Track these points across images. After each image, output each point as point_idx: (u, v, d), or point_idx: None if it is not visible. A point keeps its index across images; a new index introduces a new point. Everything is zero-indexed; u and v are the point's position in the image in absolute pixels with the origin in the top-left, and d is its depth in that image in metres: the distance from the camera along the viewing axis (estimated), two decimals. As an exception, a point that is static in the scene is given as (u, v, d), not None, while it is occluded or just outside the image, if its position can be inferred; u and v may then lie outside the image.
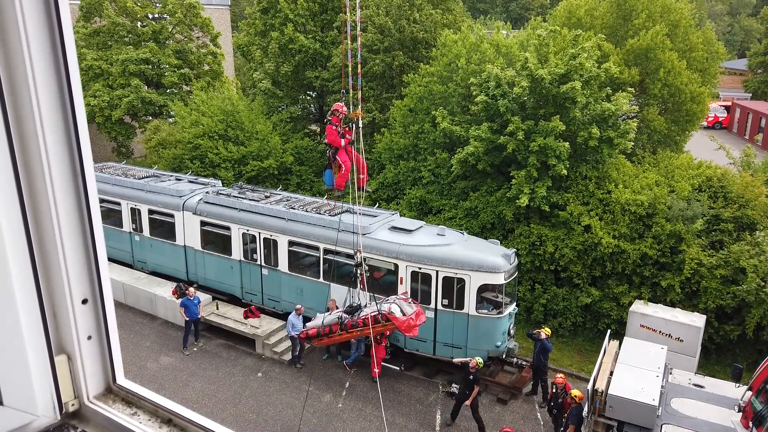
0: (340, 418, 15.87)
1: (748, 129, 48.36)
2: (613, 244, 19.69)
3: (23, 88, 1.40)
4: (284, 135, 29.27)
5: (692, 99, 25.13)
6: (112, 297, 1.65)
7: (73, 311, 1.56)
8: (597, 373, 13.90)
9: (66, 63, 1.43)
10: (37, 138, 1.43)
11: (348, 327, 13.67)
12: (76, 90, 1.47)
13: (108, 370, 1.68)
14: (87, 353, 1.62)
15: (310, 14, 29.61)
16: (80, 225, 1.54)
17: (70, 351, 1.59)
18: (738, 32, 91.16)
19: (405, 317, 13.15)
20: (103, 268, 1.59)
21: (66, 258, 1.52)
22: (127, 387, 1.68)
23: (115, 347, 1.68)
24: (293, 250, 19.11)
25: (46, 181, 1.46)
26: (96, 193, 1.57)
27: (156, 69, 32.54)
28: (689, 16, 27.15)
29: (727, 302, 18.55)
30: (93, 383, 1.65)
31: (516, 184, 20.48)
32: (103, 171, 24.29)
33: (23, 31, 1.35)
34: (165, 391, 16.95)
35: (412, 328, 13.23)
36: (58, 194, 1.48)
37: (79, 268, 1.56)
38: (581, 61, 20.36)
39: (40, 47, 1.40)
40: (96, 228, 1.55)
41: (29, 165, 1.44)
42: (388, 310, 13.17)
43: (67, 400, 1.60)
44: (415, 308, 13.67)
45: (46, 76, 1.42)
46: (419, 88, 24.46)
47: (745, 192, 20.13)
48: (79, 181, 1.51)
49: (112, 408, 1.63)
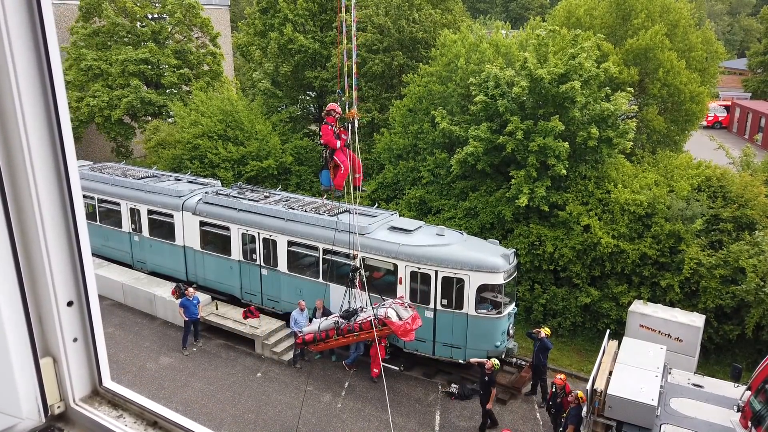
0: (340, 419, 15.87)
1: (747, 128, 48.34)
2: (612, 244, 19.68)
3: (5, 86, 1.39)
4: (284, 135, 29.28)
5: (692, 99, 25.11)
6: (97, 299, 1.64)
7: (58, 313, 1.56)
8: (596, 373, 13.90)
9: (49, 64, 1.43)
10: (20, 140, 1.42)
11: (344, 332, 13.68)
12: (60, 89, 1.47)
13: (94, 372, 1.68)
14: (72, 355, 1.61)
15: (309, 14, 29.63)
16: (65, 227, 1.53)
17: (56, 353, 1.59)
18: (738, 32, 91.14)
19: (401, 322, 13.17)
20: (88, 270, 1.58)
21: (50, 260, 1.52)
22: (113, 389, 1.67)
23: (101, 349, 1.67)
24: (292, 250, 19.10)
25: (29, 182, 1.45)
26: (80, 194, 1.56)
27: (155, 69, 32.54)
28: (689, 15, 27.14)
29: (726, 302, 18.53)
30: (79, 386, 1.64)
31: (515, 184, 20.47)
32: (102, 171, 24.28)
33: (5, 29, 1.35)
34: (164, 391, 16.96)
35: (409, 332, 13.27)
36: (42, 196, 1.48)
37: (63, 270, 1.55)
38: (580, 61, 20.36)
39: (23, 48, 1.39)
40: (81, 230, 1.55)
41: (13, 167, 1.44)
42: (384, 314, 13.19)
43: (52, 403, 1.59)
44: (411, 312, 13.67)
45: (28, 75, 1.41)
46: (418, 88, 24.45)
47: (744, 192, 20.11)
48: (63, 183, 1.50)
49: (97, 410, 1.63)
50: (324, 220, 18.30)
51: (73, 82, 31.52)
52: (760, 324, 18.18)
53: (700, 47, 26.79)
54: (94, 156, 35.21)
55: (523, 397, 17.24)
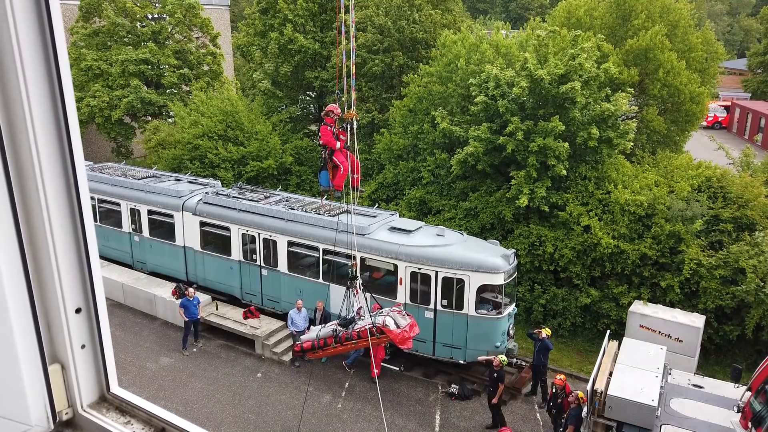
0: (340, 419, 15.87)
1: (747, 129, 48.36)
2: (612, 245, 19.69)
3: (15, 91, 1.39)
4: (284, 135, 29.29)
5: (692, 99, 25.12)
6: (105, 306, 1.65)
7: (66, 320, 1.56)
8: (596, 373, 13.90)
9: (58, 67, 1.43)
10: (29, 147, 1.43)
11: (342, 340, 13.73)
12: (68, 94, 1.47)
13: (102, 378, 1.68)
14: (81, 362, 1.62)
15: (309, 15, 29.63)
16: (73, 234, 1.53)
17: (64, 360, 1.59)
18: (737, 32, 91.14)
19: (399, 330, 13.24)
20: (96, 277, 1.59)
21: (59, 267, 1.52)
22: (121, 395, 1.67)
23: (108, 356, 1.67)
24: (292, 250, 19.10)
25: (38, 189, 1.46)
26: (89, 201, 1.56)
27: (155, 69, 32.54)
28: (688, 16, 27.15)
29: (726, 302, 18.54)
30: (87, 392, 1.65)
31: (515, 185, 20.47)
32: (102, 171, 24.28)
33: (14, 32, 1.35)
34: (164, 391, 16.95)
35: (407, 340, 13.37)
36: (50, 203, 1.48)
37: (72, 277, 1.55)
38: (581, 62, 20.36)
39: (32, 49, 1.39)
40: (89, 237, 1.55)
41: (22, 174, 1.44)
42: (382, 322, 13.25)
43: (60, 409, 1.60)
44: (409, 320, 13.73)
45: (37, 78, 1.41)
46: (419, 89, 24.45)
47: (744, 192, 20.13)
48: (72, 190, 1.51)
49: (105, 417, 1.63)
50: (324, 221, 18.31)
51: (73, 83, 31.39)
52: (760, 324, 18.19)
53: (700, 48, 26.80)
54: (94, 156, 35.22)
55: (524, 397, 17.25)
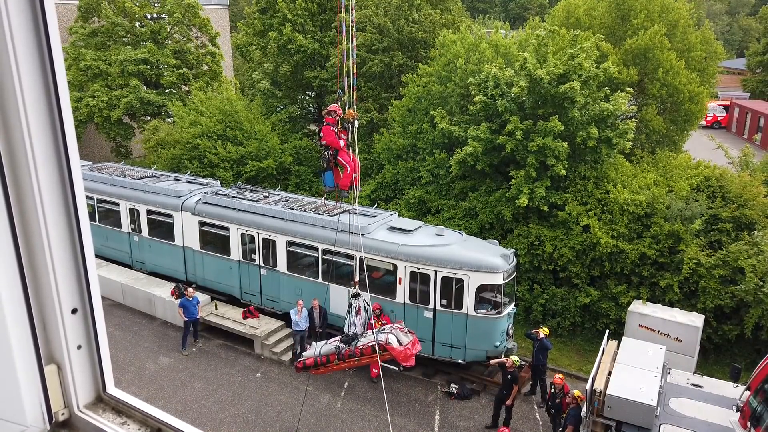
0: (339, 419, 15.87)
1: (746, 128, 48.37)
2: (611, 244, 19.70)
3: (9, 89, 1.39)
4: (283, 135, 29.28)
5: (691, 99, 25.11)
6: (101, 306, 1.64)
7: (62, 321, 1.56)
8: (595, 373, 13.89)
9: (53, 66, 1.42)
10: (24, 147, 1.42)
11: (345, 357, 13.72)
12: (63, 93, 1.46)
13: (98, 379, 1.68)
14: (77, 363, 1.61)
15: (308, 14, 29.63)
16: (69, 234, 1.53)
17: (60, 360, 1.59)
18: (737, 31, 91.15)
19: (402, 347, 13.26)
20: (92, 277, 1.58)
21: (55, 267, 1.52)
22: (117, 396, 1.67)
23: (105, 356, 1.67)
24: (292, 250, 19.10)
25: (34, 189, 1.45)
26: (84, 201, 1.56)
27: (155, 69, 32.52)
28: (688, 15, 27.14)
29: (725, 302, 18.55)
30: (83, 392, 1.64)
31: (515, 184, 20.47)
32: (101, 171, 24.26)
33: (8, 31, 1.34)
34: (164, 391, 16.95)
35: (409, 357, 13.43)
36: (46, 203, 1.48)
37: (68, 277, 1.55)
38: (580, 61, 20.36)
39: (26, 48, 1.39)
40: (85, 237, 1.55)
41: (17, 174, 1.44)
42: (385, 340, 13.26)
43: (56, 410, 1.59)
44: (411, 337, 13.77)
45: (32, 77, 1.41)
46: (418, 88, 24.45)
47: (743, 192, 20.13)
48: (67, 190, 1.50)
49: (101, 417, 1.63)
50: (323, 221, 18.30)
51: (72, 82, 31.46)
52: (759, 324, 18.19)
53: (699, 47, 26.79)
54: (94, 156, 35.21)
55: (523, 397, 17.25)
